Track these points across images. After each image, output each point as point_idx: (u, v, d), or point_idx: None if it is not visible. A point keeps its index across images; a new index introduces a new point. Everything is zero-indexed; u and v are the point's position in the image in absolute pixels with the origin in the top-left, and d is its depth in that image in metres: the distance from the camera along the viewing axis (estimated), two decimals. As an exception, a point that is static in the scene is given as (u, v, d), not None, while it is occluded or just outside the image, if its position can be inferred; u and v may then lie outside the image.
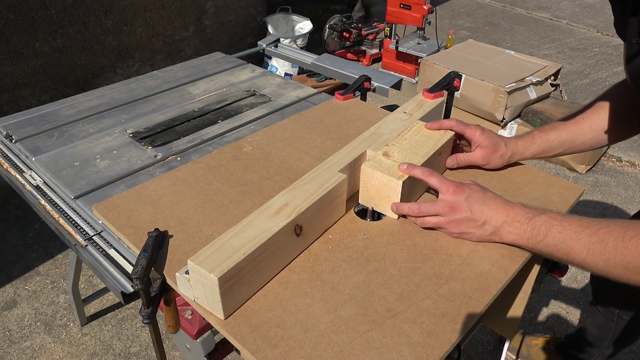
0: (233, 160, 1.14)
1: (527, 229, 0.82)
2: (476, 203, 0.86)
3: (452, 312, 0.76)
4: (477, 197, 0.86)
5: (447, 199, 0.87)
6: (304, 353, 0.69)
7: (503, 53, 3.47)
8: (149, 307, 0.80)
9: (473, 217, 0.86)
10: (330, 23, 4.08)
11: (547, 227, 0.79)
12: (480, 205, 0.85)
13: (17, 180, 1.26)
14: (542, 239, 0.80)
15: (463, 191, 0.87)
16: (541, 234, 0.80)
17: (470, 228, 0.87)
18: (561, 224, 0.78)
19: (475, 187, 0.89)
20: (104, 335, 1.91)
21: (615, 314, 1.47)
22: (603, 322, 1.52)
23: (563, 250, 0.78)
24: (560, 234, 0.78)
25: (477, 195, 0.86)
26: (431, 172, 0.91)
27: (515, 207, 0.85)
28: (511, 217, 0.84)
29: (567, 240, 0.77)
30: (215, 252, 0.74)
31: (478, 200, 0.86)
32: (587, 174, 2.91)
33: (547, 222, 0.80)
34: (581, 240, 0.75)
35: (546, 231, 0.79)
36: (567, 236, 0.77)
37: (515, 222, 0.83)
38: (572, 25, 5.33)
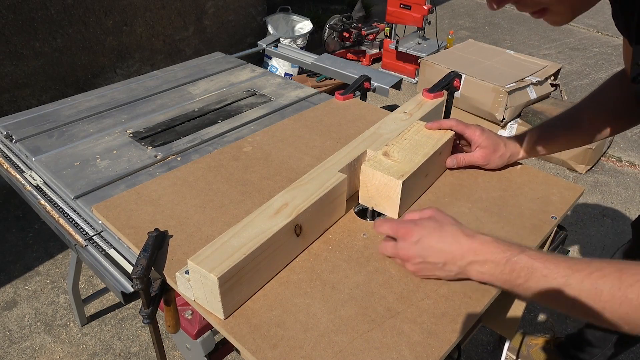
0: (233, 160, 1.14)
1: (503, 271, 0.71)
2: (430, 245, 0.77)
3: (452, 312, 0.76)
4: (430, 237, 0.77)
5: (398, 245, 0.80)
6: (304, 353, 0.69)
7: (503, 53, 3.47)
8: (149, 307, 0.80)
9: (428, 261, 0.77)
10: (330, 23, 4.08)
11: (528, 270, 0.69)
12: (436, 246, 0.76)
13: (17, 180, 1.26)
14: (523, 283, 0.70)
15: (412, 235, 0.78)
16: (522, 277, 0.70)
17: (430, 271, 0.79)
18: (545, 265, 0.68)
19: (430, 223, 0.79)
20: (104, 335, 1.91)
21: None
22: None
23: (548, 296, 0.68)
24: (545, 278, 0.68)
25: (430, 236, 0.77)
26: (382, 222, 0.83)
27: (485, 244, 0.74)
28: (482, 256, 0.73)
29: (555, 286, 0.67)
30: (215, 252, 0.74)
31: (432, 240, 0.77)
32: (587, 174, 2.91)
33: (528, 264, 0.69)
34: (571, 286, 0.66)
35: (528, 275, 0.69)
36: (554, 282, 0.67)
37: (488, 262, 0.73)
38: (572, 25, 5.33)
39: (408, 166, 0.94)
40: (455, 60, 3.33)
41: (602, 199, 2.70)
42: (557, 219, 0.97)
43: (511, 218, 0.96)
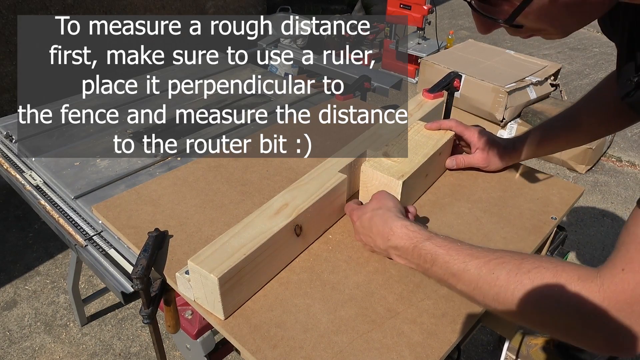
0: (233, 160, 1.14)
1: (413, 256, 0.75)
2: (362, 229, 0.84)
3: (452, 313, 0.76)
4: (363, 223, 0.84)
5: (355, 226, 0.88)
6: (304, 353, 0.69)
7: (503, 53, 3.47)
8: (149, 307, 0.80)
9: (365, 241, 0.85)
10: (331, 23, 4.08)
11: (432, 256, 0.73)
12: (366, 231, 0.83)
13: (17, 180, 1.26)
14: (430, 268, 0.73)
15: (353, 219, 0.88)
16: (428, 261, 0.73)
17: (372, 249, 0.86)
18: (447, 252, 0.71)
19: (362, 208, 0.86)
20: (104, 335, 1.91)
21: None
22: None
23: (451, 281, 0.71)
24: (446, 265, 0.70)
25: (363, 221, 0.84)
26: (346, 206, 0.92)
27: (396, 229, 0.78)
28: (394, 242, 0.78)
29: (454, 272, 0.69)
30: (216, 252, 0.74)
31: (364, 226, 0.84)
32: (587, 174, 2.91)
33: (431, 250, 0.73)
34: (469, 272, 0.67)
35: (432, 260, 0.73)
36: (454, 268, 0.69)
37: (399, 247, 0.77)
38: (572, 25, 5.33)
39: (408, 166, 0.94)
40: (455, 60, 3.33)
41: (602, 199, 2.70)
42: (557, 220, 0.97)
43: (511, 218, 0.96)
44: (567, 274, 0.59)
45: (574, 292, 0.57)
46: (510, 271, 0.63)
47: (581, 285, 0.57)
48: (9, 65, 2.76)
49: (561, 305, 0.58)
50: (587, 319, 0.56)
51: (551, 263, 0.61)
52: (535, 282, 0.60)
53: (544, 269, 0.61)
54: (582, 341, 0.59)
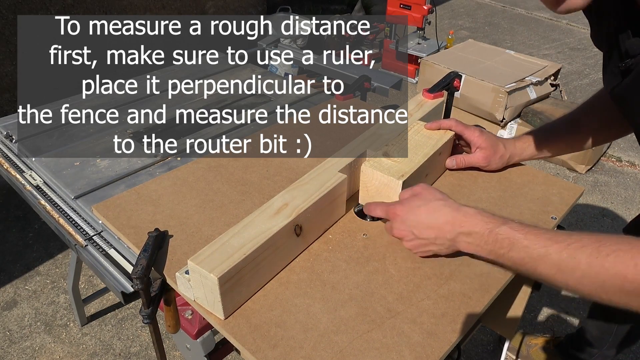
0: (233, 160, 1.14)
1: (487, 241, 0.75)
2: (418, 222, 0.80)
3: (452, 312, 0.76)
4: (417, 215, 0.80)
5: (393, 226, 0.85)
6: (304, 353, 0.69)
7: (503, 53, 3.47)
8: (149, 307, 0.80)
9: (420, 237, 0.81)
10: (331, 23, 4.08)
11: (510, 240, 0.72)
12: (424, 222, 0.80)
13: (17, 180, 1.26)
14: (506, 253, 0.73)
15: (399, 215, 0.82)
16: (504, 247, 0.73)
17: (425, 247, 0.82)
18: (526, 237, 0.71)
19: (415, 202, 0.82)
20: (104, 335, 1.91)
21: (617, 316, 1.46)
22: (604, 324, 1.52)
23: (529, 265, 0.71)
24: (526, 249, 0.70)
25: (417, 214, 0.81)
26: (374, 205, 0.88)
27: (471, 216, 0.77)
28: (467, 227, 0.76)
29: (534, 256, 0.69)
30: (215, 252, 0.74)
31: (420, 217, 0.80)
32: (587, 174, 2.91)
33: (510, 235, 0.72)
34: (550, 256, 0.68)
35: (510, 245, 0.72)
36: (534, 252, 0.69)
37: (473, 233, 0.76)
38: (572, 25, 5.33)
39: (408, 166, 0.94)
40: (455, 60, 3.33)
41: (602, 199, 2.70)
42: (557, 219, 0.97)
43: (511, 218, 0.96)
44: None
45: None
46: (590, 255, 0.64)
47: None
48: (9, 65, 2.76)
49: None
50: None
51: (629, 244, 0.63)
52: (617, 266, 0.62)
53: (622, 251, 0.62)
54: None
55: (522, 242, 0.71)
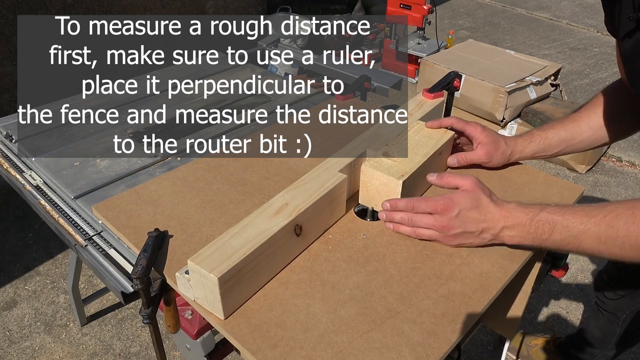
0: (233, 160, 1.14)
1: (530, 231, 0.80)
2: (469, 216, 0.84)
3: (452, 312, 0.76)
4: (470, 208, 0.84)
5: (439, 218, 0.85)
6: (304, 353, 0.69)
7: (503, 53, 3.47)
8: (149, 307, 0.80)
9: (468, 230, 0.84)
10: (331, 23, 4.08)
11: (550, 225, 0.77)
12: (474, 216, 0.83)
13: (17, 180, 1.26)
14: (548, 237, 0.78)
15: (452, 208, 0.84)
16: (546, 232, 0.78)
17: (467, 239, 0.86)
18: (564, 218, 0.76)
19: (465, 197, 0.85)
20: (104, 335, 1.91)
21: (621, 318, 1.46)
22: (606, 325, 1.51)
23: (572, 244, 0.76)
24: (567, 229, 0.76)
25: (469, 206, 0.84)
26: (417, 200, 0.88)
27: (512, 210, 0.82)
28: (510, 221, 0.82)
29: (575, 234, 0.75)
30: (215, 252, 0.74)
31: (471, 211, 0.84)
32: (587, 174, 2.91)
33: (549, 219, 0.78)
34: (590, 230, 0.74)
35: (551, 229, 0.77)
36: (575, 230, 0.75)
37: (516, 225, 0.81)
38: (572, 25, 5.33)
39: (408, 166, 0.94)
40: (455, 60, 3.33)
41: (603, 199, 2.70)
42: (557, 219, 0.96)
43: (511, 218, 0.96)
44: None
45: None
46: (627, 222, 0.71)
47: None
48: (9, 65, 2.76)
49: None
50: None
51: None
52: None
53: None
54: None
55: (562, 224, 0.76)
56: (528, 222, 0.80)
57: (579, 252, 0.78)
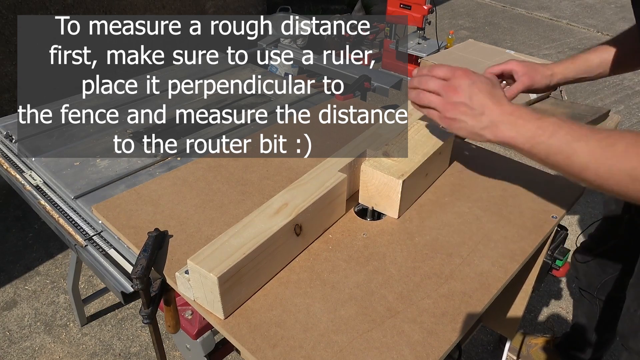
0: (233, 160, 1.14)
1: (531, 128, 0.75)
2: (480, 92, 0.79)
3: (452, 312, 0.76)
4: (483, 86, 0.80)
5: (451, 80, 0.82)
6: (304, 353, 0.69)
7: (503, 53, 3.47)
8: (149, 307, 0.80)
9: (471, 104, 0.79)
10: (331, 23, 4.08)
11: (555, 127, 0.73)
12: (483, 95, 0.79)
13: (17, 180, 1.26)
14: (546, 139, 0.74)
15: (469, 77, 0.81)
16: (547, 133, 0.74)
17: (464, 115, 0.80)
18: (570, 127, 0.73)
19: (485, 78, 0.82)
20: (104, 335, 1.91)
21: (595, 296, 1.51)
22: (588, 308, 1.56)
23: (565, 153, 0.72)
24: (567, 135, 0.72)
25: (483, 85, 0.80)
26: (437, 67, 0.85)
27: (522, 108, 0.78)
28: (516, 114, 0.77)
29: (573, 142, 0.71)
30: (215, 251, 0.74)
31: (483, 89, 0.80)
32: (587, 173, 2.91)
33: (556, 123, 0.74)
34: (589, 143, 0.70)
35: (553, 131, 0.73)
36: (575, 138, 0.71)
37: (520, 119, 0.77)
38: (572, 25, 5.33)
39: (408, 166, 0.94)
40: (455, 60, 3.33)
41: (602, 199, 2.70)
42: (558, 219, 0.96)
43: (512, 218, 0.96)
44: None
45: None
46: (628, 144, 0.67)
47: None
48: (9, 65, 2.76)
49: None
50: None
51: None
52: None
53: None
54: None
55: (565, 130, 0.73)
56: (534, 119, 0.76)
57: (565, 164, 0.74)
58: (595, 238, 1.53)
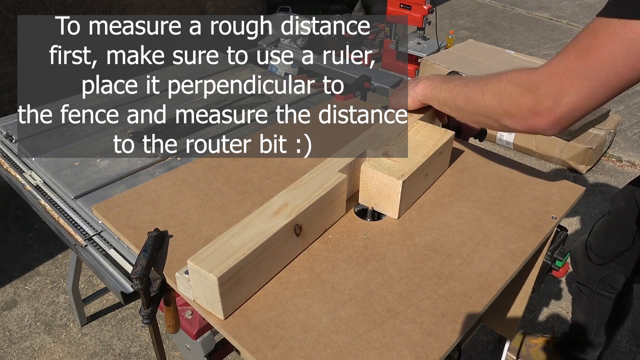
0: (233, 160, 1.14)
1: (438, 81, 1.01)
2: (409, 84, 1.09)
3: (452, 312, 0.76)
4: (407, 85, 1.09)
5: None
6: (303, 353, 0.69)
7: (503, 53, 3.47)
8: (149, 307, 0.80)
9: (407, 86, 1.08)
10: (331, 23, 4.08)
11: (453, 80, 0.97)
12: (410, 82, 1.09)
13: (17, 180, 1.26)
14: (453, 87, 0.96)
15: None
16: (446, 82, 0.98)
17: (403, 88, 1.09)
18: (465, 80, 0.95)
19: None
20: (104, 335, 1.91)
21: (594, 291, 1.52)
22: (586, 304, 1.57)
23: (456, 97, 0.95)
24: (461, 85, 0.95)
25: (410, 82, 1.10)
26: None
27: (435, 75, 1.06)
28: (431, 77, 1.05)
29: (460, 89, 0.94)
30: (215, 252, 0.74)
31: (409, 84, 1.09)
32: (588, 174, 2.91)
33: (454, 78, 0.98)
34: (467, 88, 0.93)
35: (451, 83, 0.96)
36: (461, 85, 0.94)
37: (432, 78, 1.03)
38: (572, 25, 5.33)
39: (408, 166, 0.94)
40: (455, 60, 3.33)
41: (603, 199, 2.70)
42: (558, 219, 0.96)
43: (511, 218, 0.96)
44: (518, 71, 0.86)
45: (523, 73, 0.84)
46: (483, 87, 0.92)
47: (528, 71, 0.83)
48: (9, 65, 2.76)
49: (510, 82, 0.85)
50: (523, 85, 0.81)
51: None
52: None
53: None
54: (512, 109, 0.82)
55: (460, 81, 0.96)
56: (441, 79, 1.02)
57: (454, 109, 0.97)
58: (599, 234, 1.54)
